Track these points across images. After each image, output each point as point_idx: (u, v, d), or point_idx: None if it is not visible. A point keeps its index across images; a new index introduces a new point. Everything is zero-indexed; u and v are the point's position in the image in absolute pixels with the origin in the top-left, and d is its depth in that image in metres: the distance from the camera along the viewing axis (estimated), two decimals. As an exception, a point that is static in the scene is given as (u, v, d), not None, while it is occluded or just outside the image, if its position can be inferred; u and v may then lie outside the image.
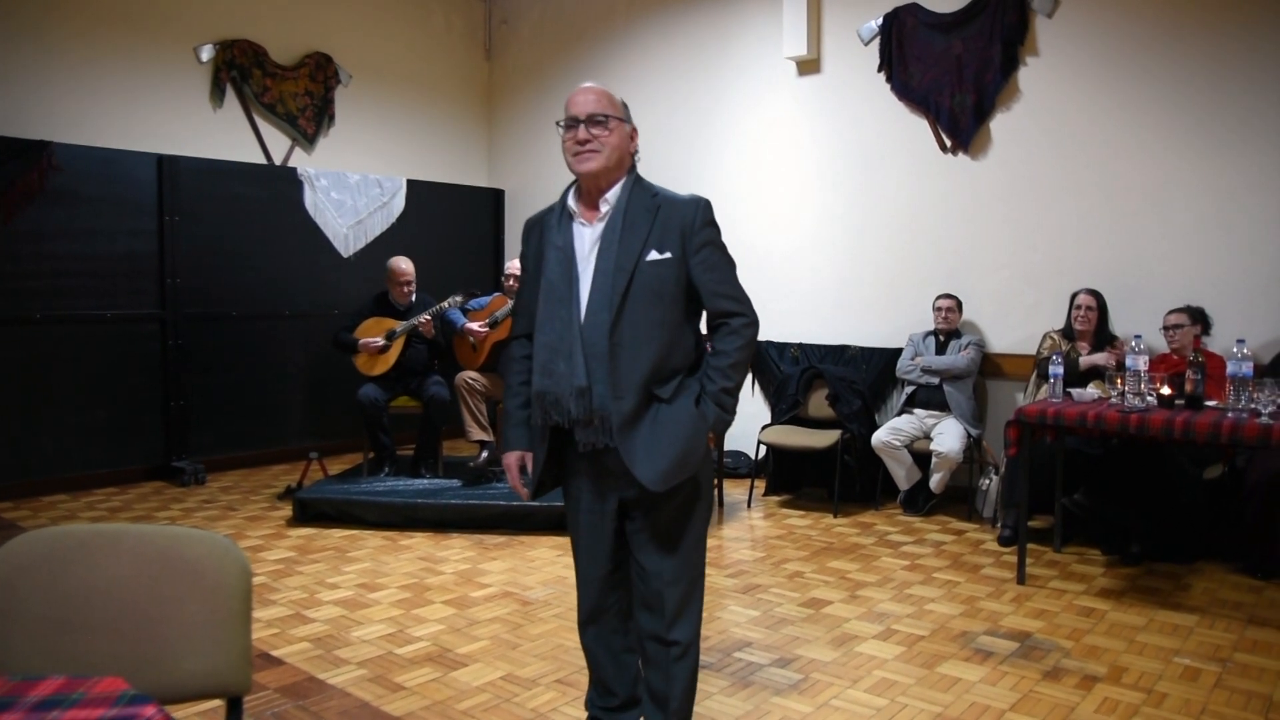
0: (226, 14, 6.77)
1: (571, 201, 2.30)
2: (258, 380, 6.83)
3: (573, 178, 2.31)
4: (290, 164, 7.14)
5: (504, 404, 2.45)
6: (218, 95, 6.74)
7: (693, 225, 2.23)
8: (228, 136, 6.81)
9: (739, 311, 2.27)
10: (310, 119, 7.26)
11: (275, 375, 6.93)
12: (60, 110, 5.99)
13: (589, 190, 2.26)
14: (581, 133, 2.19)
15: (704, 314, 2.32)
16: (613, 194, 2.25)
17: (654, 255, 2.20)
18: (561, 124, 2.25)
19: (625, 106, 2.30)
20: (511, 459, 2.39)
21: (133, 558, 1.66)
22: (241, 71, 6.83)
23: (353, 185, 7.32)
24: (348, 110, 7.50)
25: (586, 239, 2.25)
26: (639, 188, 2.27)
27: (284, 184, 6.98)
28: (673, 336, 2.23)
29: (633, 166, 2.31)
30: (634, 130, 2.31)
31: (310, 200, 7.08)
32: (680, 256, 2.22)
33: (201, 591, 1.66)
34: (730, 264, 2.31)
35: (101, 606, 1.63)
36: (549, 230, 2.30)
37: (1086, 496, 4.69)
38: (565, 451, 2.33)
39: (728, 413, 2.26)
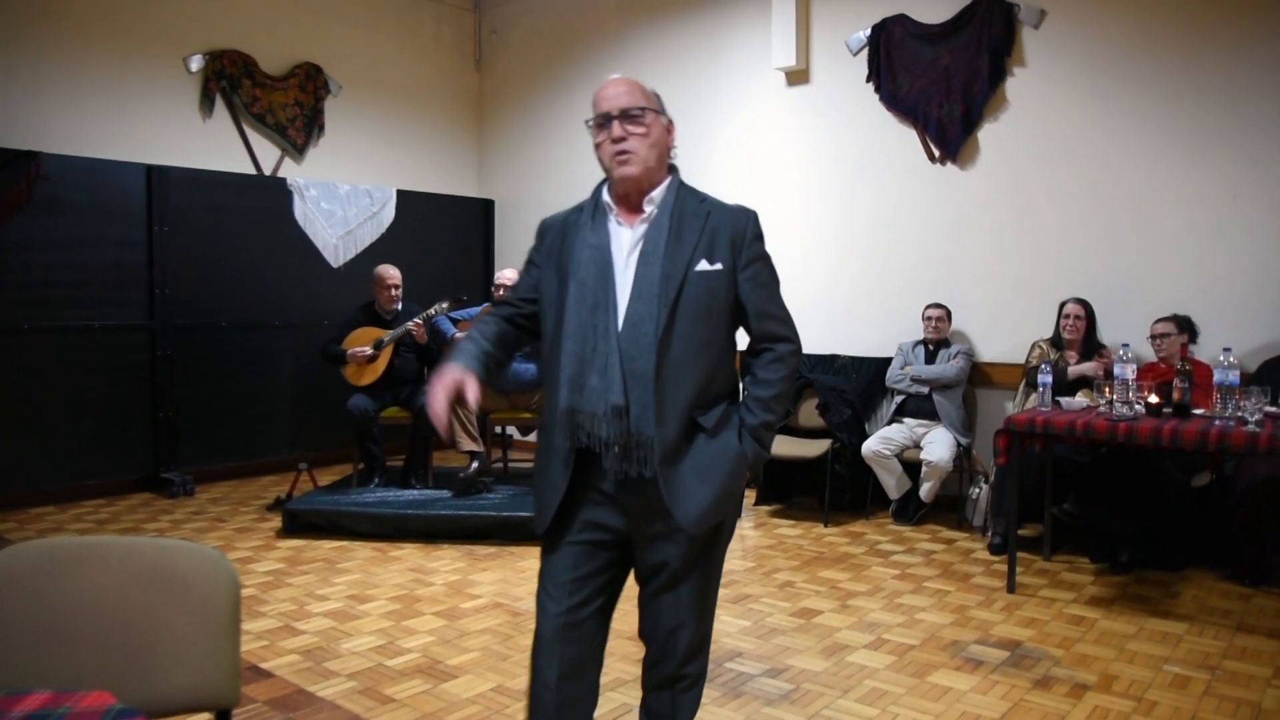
0: (216, 24, 6.76)
1: (607, 197, 2.05)
2: (247, 391, 6.81)
3: (602, 177, 2.10)
4: (280, 174, 7.13)
5: (463, 338, 2.13)
6: (207, 105, 6.73)
7: (744, 236, 2.03)
8: (217, 147, 6.80)
9: (786, 336, 2.08)
10: (300, 129, 7.26)
11: (264, 386, 6.91)
12: (49, 120, 5.97)
13: (628, 193, 2.03)
14: (616, 129, 1.96)
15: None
16: (658, 194, 2.02)
17: (704, 265, 1.97)
18: (591, 122, 2.01)
19: (659, 97, 2.08)
20: (451, 373, 1.98)
21: (121, 570, 1.65)
22: (231, 82, 6.82)
23: (342, 195, 7.32)
24: (337, 120, 7.50)
25: (625, 240, 2.01)
26: (685, 189, 2.06)
27: (273, 194, 6.97)
28: (719, 358, 2.01)
29: (673, 166, 2.10)
30: (670, 123, 2.08)
31: (300, 210, 7.07)
32: (730, 269, 2.01)
33: (190, 604, 1.65)
34: (778, 282, 2.12)
35: (89, 619, 1.62)
36: (579, 228, 2.04)
37: (1075, 505, 4.70)
38: (578, 478, 2.03)
39: (766, 450, 2.05)
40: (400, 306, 5.99)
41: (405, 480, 5.84)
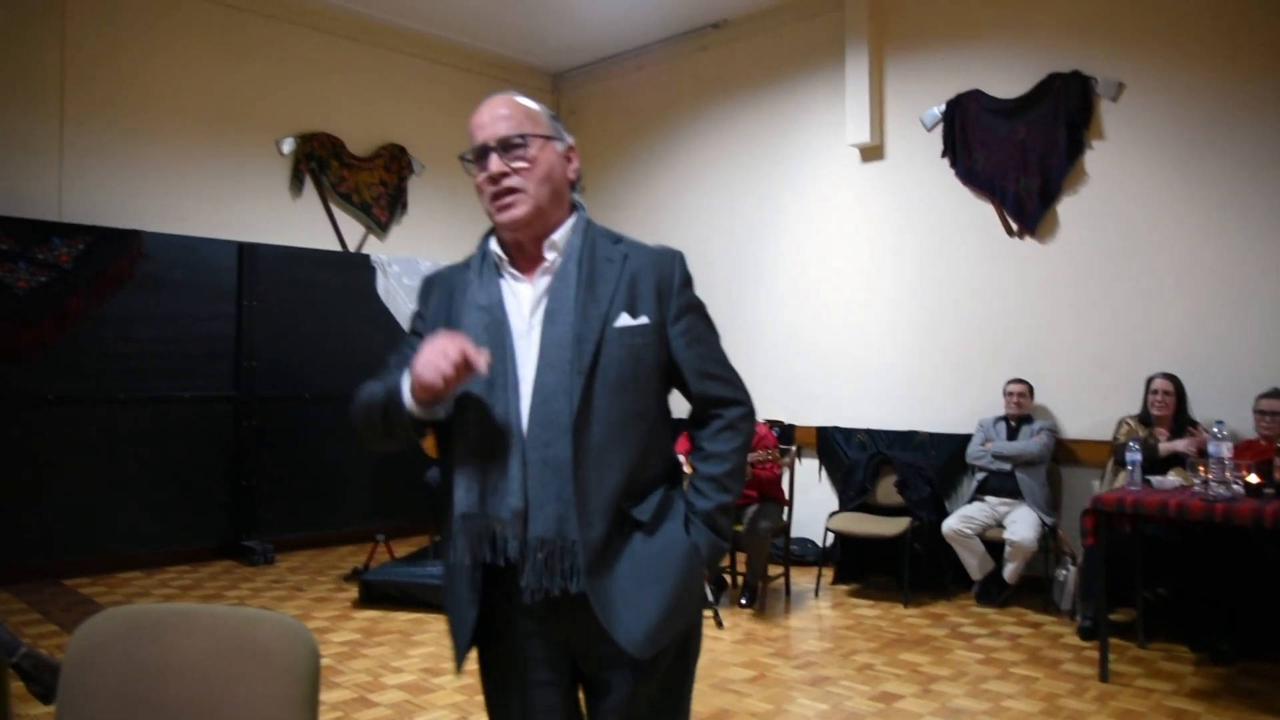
0: (307, 108, 7.09)
1: (496, 247, 1.69)
2: (327, 462, 6.94)
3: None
4: (364, 250, 7.37)
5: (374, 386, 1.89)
6: (297, 185, 7.03)
7: (672, 282, 1.67)
8: (305, 224, 7.08)
9: (735, 399, 1.71)
10: (384, 207, 7.51)
11: (344, 457, 7.03)
12: (150, 201, 6.30)
13: (520, 241, 1.68)
14: (495, 164, 1.61)
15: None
16: (560, 237, 1.66)
17: (625, 320, 1.61)
18: (469, 157, 1.67)
19: (554, 119, 1.71)
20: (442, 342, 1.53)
21: (206, 638, 1.68)
22: (320, 162, 7.11)
23: (424, 271, 7.51)
24: (420, 198, 7.74)
25: (524, 298, 1.65)
26: (594, 228, 1.70)
27: (357, 270, 7.20)
28: (651, 433, 1.65)
29: (576, 204, 1.72)
30: (571, 149, 1.71)
31: (382, 286, 7.27)
32: (658, 323, 1.65)
33: (270, 673, 1.66)
34: (717, 334, 1.75)
35: (174, 686, 1.64)
36: (466, 287, 1.69)
37: (1169, 589, 4.49)
38: (499, 602, 1.70)
39: (724, 539, 1.68)
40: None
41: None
